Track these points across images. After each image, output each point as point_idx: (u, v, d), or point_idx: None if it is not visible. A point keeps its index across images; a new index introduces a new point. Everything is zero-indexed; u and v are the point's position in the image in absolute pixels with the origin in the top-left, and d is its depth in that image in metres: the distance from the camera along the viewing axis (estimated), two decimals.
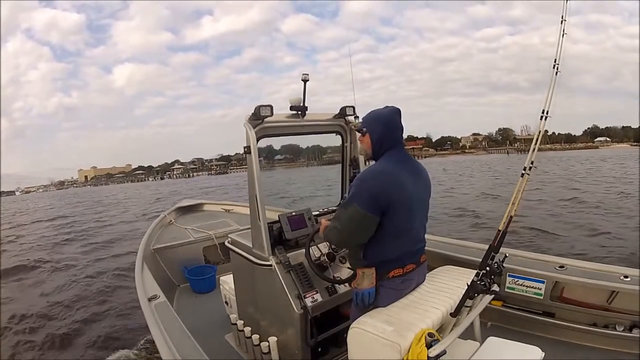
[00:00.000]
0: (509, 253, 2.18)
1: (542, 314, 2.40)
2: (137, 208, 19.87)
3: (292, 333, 2.02)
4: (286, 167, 67.50)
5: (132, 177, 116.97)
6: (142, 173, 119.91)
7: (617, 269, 2.28)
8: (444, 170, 31.34)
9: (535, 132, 1.57)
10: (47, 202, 40.63)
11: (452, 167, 38.09)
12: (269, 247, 2.05)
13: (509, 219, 1.46)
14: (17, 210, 28.66)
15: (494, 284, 1.41)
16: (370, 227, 1.56)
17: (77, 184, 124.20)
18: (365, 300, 1.62)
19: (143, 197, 28.99)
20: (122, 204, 24.90)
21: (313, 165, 29.76)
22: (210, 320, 2.99)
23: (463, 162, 50.37)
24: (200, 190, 30.51)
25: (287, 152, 78.19)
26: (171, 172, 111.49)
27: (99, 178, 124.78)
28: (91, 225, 14.42)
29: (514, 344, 1.61)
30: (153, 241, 3.85)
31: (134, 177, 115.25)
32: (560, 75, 1.53)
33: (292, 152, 50.62)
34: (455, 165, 40.73)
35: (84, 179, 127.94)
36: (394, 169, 1.60)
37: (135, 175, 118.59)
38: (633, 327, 2.14)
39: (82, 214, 19.99)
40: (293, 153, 54.56)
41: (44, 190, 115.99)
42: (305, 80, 2.09)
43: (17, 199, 66.32)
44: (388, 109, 1.70)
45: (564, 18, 1.59)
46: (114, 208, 21.73)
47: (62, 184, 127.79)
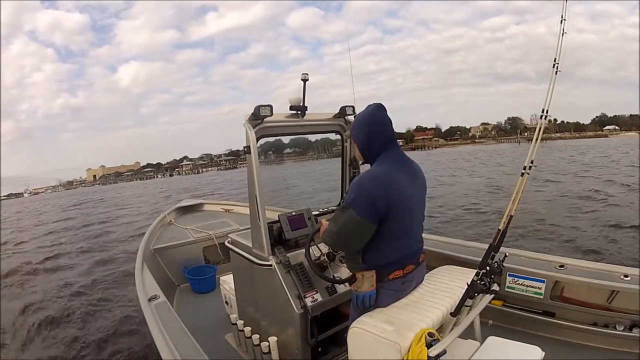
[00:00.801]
0: (509, 252, 2.18)
1: (542, 314, 2.39)
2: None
3: (292, 333, 2.02)
4: (296, 161, 66.96)
5: (141, 174, 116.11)
6: (151, 170, 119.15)
7: (618, 269, 2.28)
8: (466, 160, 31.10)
9: (537, 130, 1.57)
10: (61, 201, 39.96)
11: (468, 157, 37.68)
12: (269, 247, 2.05)
13: (509, 218, 1.46)
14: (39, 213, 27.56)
15: (494, 284, 1.40)
16: (365, 234, 1.53)
17: (86, 183, 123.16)
18: (366, 303, 1.61)
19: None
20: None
21: (323, 158, 29.52)
22: (210, 320, 2.99)
23: (479, 151, 49.59)
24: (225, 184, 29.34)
25: (297, 146, 77.45)
26: (180, 168, 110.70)
27: (107, 177, 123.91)
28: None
29: (514, 344, 1.60)
30: (153, 241, 3.85)
31: (143, 175, 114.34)
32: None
33: (302, 145, 49.89)
34: (469, 156, 40.19)
35: (93, 178, 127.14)
36: (391, 172, 1.56)
37: (144, 173, 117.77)
38: (633, 327, 2.14)
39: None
40: (303, 147, 54.26)
41: (52, 191, 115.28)
42: (304, 80, 2.09)
43: (25, 201, 65.71)
44: (369, 108, 1.66)
45: (564, 18, 1.58)
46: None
47: (70, 184, 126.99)
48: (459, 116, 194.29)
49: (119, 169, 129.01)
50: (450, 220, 8.98)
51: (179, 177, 77.04)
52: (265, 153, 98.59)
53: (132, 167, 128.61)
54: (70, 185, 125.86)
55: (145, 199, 25.88)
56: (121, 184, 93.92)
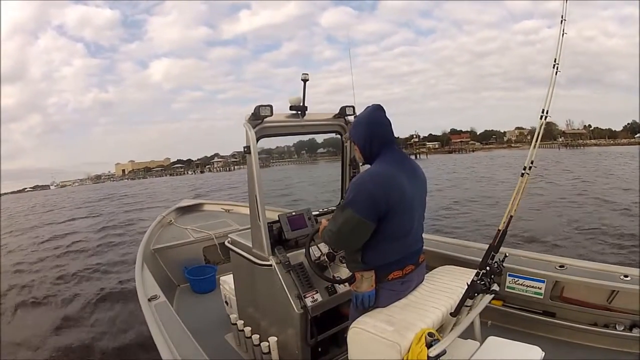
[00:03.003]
0: (509, 252, 2.18)
1: (542, 314, 2.39)
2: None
3: (292, 333, 2.02)
4: (328, 161, 65.75)
5: (171, 170, 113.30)
6: (181, 166, 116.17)
7: (617, 269, 2.28)
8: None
9: (536, 130, 1.57)
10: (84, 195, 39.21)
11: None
12: (268, 247, 2.05)
13: (508, 218, 1.46)
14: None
15: (494, 284, 1.41)
16: (364, 233, 1.53)
17: (114, 177, 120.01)
18: (365, 303, 1.61)
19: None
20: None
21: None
22: (210, 320, 2.99)
23: (522, 157, 48.03)
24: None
25: (330, 145, 77.10)
26: (211, 165, 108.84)
27: (136, 172, 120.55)
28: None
29: (514, 344, 1.60)
30: (153, 241, 3.85)
31: (173, 171, 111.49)
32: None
33: (334, 145, 51.37)
34: (517, 160, 37.41)
35: (122, 172, 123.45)
36: (391, 171, 1.56)
37: (174, 168, 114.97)
38: (633, 327, 2.14)
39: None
40: (335, 146, 54.35)
41: (79, 184, 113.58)
42: (304, 80, 2.09)
43: (55, 192, 64.52)
44: (367, 109, 1.68)
45: (564, 18, 1.58)
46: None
47: (98, 178, 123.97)
48: (490, 120, 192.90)
49: (149, 164, 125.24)
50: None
51: (210, 174, 75.73)
52: (299, 152, 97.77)
53: (161, 163, 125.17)
54: (99, 179, 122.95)
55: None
56: (149, 179, 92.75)
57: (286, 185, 23.45)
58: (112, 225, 13.36)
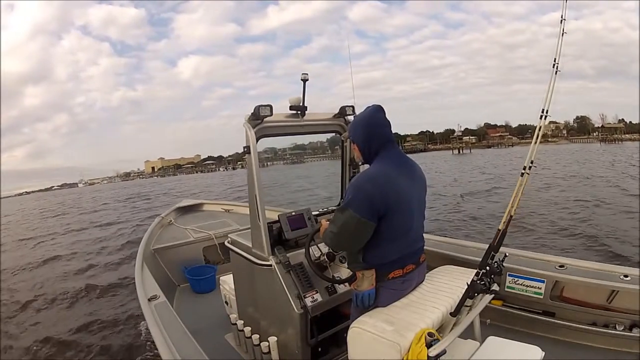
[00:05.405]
0: (509, 252, 2.18)
1: (542, 314, 2.39)
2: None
3: (292, 333, 2.02)
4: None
5: (201, 167, 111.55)
6: (212, 163, 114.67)
7: (617, 269, 2.28)
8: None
9: (536, 130, 1.57)
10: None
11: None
12: (268, 247, 2.05)
13: (508, 218, 1.46)
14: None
15: (493, 284, 1.40)
16: (365, 232, 1.54)
17: (144, 175, 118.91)
18: (365, 301, 1.61)
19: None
20: None
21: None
22: (210, 320, 2.99)
23: (564, 151, 41.97)
24: None
25: (313, 147, 76.40)
26: (243, 161, 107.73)
27: (166, 169, 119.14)
28: None
29: (514, 344, 1.60)
30: (153, 241, 3.85)
31: (204, 168, 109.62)
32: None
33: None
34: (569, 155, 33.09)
35: (151, 170, 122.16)
36: (389, 172, 1.57)
37: (205, 165, 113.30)
38: (633, 327, 2.14)
39: None
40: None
41: (108, 182, 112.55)
42: (304, 80, 2.09)
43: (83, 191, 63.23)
44: (367, 110, 1.69)
45: (564, 17, 1.58)
46: None
47: (127, 176, 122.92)
48: (521, 114, 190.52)
49: (179, 161, 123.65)
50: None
51: (242, 171, 75.09)
52: (333, 147, 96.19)
53: (192, 160, 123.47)
54: (128, 176, 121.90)
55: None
56: (179, 176, 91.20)
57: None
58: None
